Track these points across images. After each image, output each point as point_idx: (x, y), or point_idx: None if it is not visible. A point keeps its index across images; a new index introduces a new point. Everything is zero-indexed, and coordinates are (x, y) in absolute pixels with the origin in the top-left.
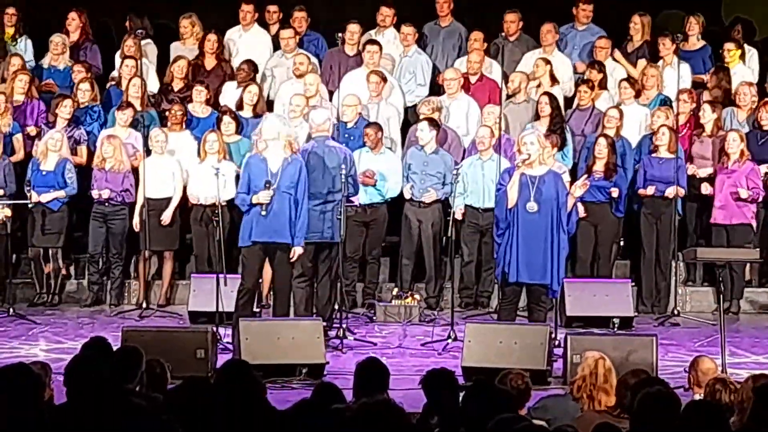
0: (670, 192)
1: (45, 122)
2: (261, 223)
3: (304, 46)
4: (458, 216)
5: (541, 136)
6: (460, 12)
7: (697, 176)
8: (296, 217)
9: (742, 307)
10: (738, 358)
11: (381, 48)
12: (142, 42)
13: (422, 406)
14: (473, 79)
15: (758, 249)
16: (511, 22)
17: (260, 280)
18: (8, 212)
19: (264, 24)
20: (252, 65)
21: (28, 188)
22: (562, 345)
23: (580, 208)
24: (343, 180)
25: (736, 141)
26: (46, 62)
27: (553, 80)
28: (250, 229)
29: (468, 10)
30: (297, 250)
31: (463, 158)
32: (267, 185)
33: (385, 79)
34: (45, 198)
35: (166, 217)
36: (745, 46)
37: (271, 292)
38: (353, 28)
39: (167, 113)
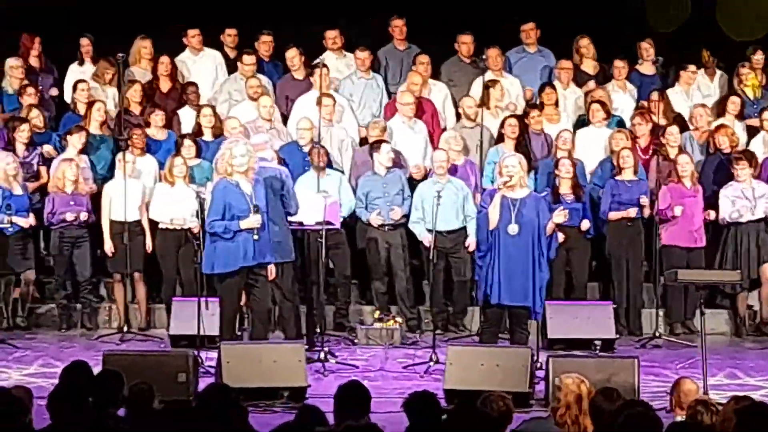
0: (632, 211)
1: (4, 146)
2: (251, 248)
3: (264, 71)
4: (428, 242)
5: (523, 159)
6: (413, 34)
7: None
8: (270, 235)
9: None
10: (720, 379)
11: (329, 70)
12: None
13: (404, 429)
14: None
15: (738, 271)
16: (465, 43)
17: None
18: None
19: (218, 45)
20: (197, 87)
21: (10, 212)
22: (544, 367)
23: (560, 235)
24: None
25: (689, 164)
26: (4, 86)
27: (503, 105)
28: (237, 254)
29: (420, 32)
30: (273, 269)
31: (410, 178)
32: (256, 209)
33: (335, 101)
34: (24, 222)
35: (149, 243)
36: (708, 70)
37: (248, 316)
38: (291, 53)
39: (129, 138)
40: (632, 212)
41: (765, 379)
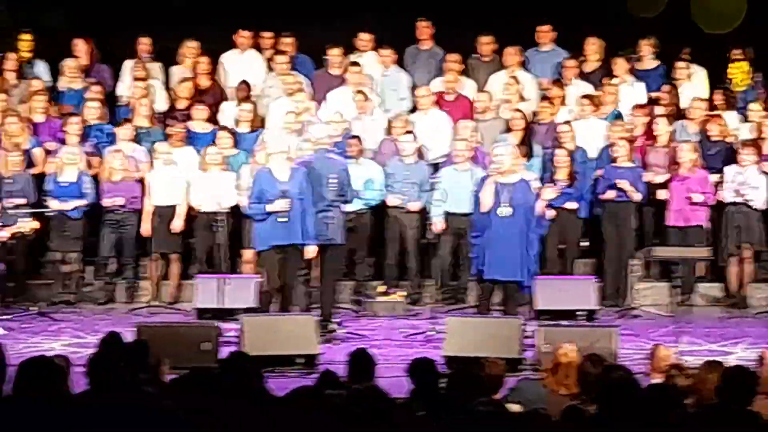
0: (611, 194)
1: (59, 139)
2: (279, 228)
3: (295, 68)
4: (439, 227)
5: (514, 147)
6: (437, 34)
7: (653, 182)
8: (305, 219)
9: (695, 300)
10: (692, 346)
11: (362, 69)
12: (148, 64)
13: (408, 392)
14: (450, 98)
15: (710, 248)
16: (485, 44)
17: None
18: (36, 225)
19: (257, 47)
20: (248, 85)
21: (51, 198)
22: (533, 336)
23: (550, 212)
24: (334, 188)
25: (688, 151)
26: (61, 84)
27: (521, 98)
28: (267, 234)
29: (443, 32)
30: (311, 249)
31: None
32: (283, 195)
33: (368, 97)
34: (68, 206)
35: (177, 225)
36: (693, 65)
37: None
38: (335, 51)
39: (170, 131)
40: (611, 194)
41: (733, 344)
